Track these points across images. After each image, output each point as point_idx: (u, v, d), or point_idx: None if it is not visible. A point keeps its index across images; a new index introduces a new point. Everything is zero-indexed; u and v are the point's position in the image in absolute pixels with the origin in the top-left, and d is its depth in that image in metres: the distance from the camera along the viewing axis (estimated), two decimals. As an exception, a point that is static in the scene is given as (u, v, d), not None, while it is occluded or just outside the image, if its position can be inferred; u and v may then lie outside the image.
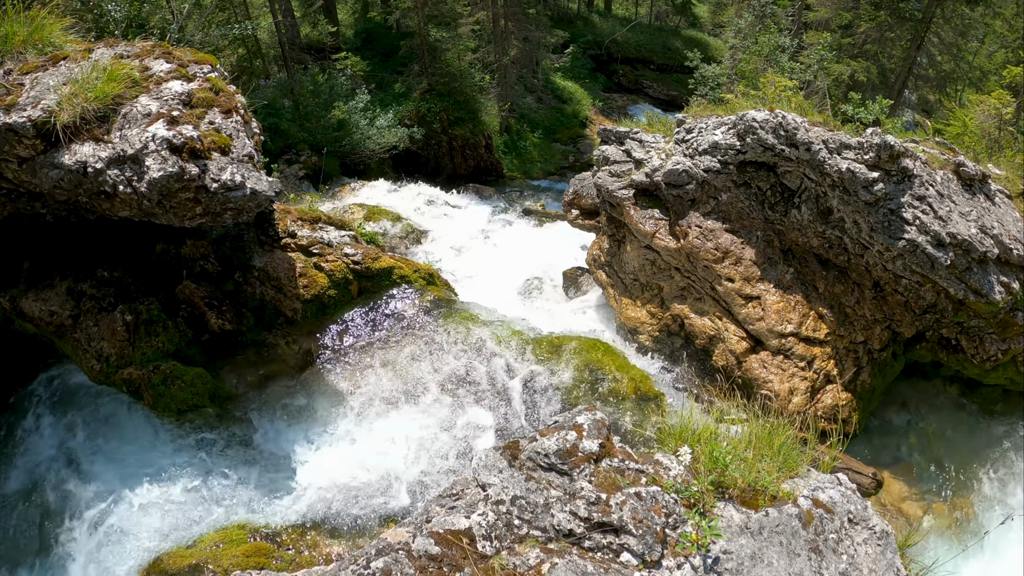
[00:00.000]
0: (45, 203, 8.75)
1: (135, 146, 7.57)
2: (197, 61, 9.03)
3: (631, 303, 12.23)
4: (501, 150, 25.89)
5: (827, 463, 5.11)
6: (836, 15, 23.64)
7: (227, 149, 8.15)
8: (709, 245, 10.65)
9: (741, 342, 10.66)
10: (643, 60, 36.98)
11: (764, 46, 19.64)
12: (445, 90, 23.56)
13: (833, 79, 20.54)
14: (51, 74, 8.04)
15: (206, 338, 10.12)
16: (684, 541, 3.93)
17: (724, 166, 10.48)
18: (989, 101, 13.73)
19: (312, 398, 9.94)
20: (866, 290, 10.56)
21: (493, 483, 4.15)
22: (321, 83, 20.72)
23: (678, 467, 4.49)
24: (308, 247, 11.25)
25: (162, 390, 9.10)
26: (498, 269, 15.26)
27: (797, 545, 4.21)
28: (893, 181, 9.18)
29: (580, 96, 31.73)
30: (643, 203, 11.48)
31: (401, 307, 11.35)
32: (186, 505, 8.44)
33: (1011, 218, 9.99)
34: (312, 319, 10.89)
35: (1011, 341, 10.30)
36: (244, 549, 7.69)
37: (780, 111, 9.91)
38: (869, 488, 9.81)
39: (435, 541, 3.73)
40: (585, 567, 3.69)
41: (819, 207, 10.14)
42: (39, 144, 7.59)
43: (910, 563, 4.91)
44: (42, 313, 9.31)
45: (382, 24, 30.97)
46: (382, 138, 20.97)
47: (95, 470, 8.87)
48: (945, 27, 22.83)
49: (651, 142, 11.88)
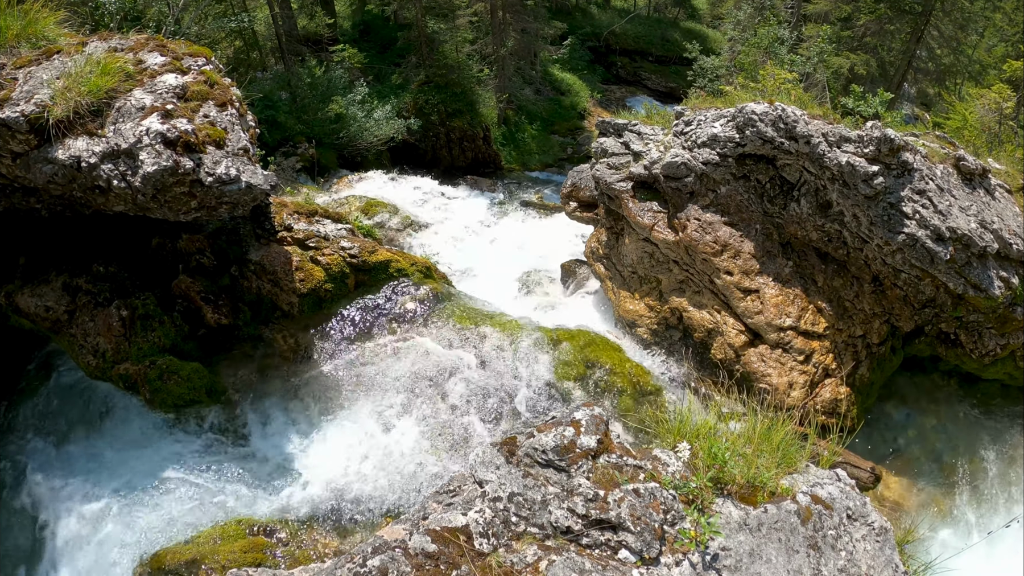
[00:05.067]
0: (40, 198, 8.70)
1: (129, 140, 7.51)
2: (192, 54, 8.95)
3: (629, 296, 12.20)
4: (499, 142, 25.82)
5: (826, 458, 5.08)
6: (835, 8, 23.57)
7: (222, 142, 8.09)
8: (708, 238, 10.61)
9: (740, 335, 10.64)
10: (642, 52, 36.83)
11: (763, 38, 19.54)
12: (443, 82, 23.47)
13: (832, 72, 20.47)
14: (45, 68, 7.97)
15: (202, 333, 10.08)
16: (683, 538, 3.91)
17: (723, 159, 10.43)
18: (989, 95, 13.66)
19: (309, 392, 9.91)
20: (865, 284, 10.53)
21: (490, 480, 4.12)
22: (318, 75, 20.61)
23: (676, 463, 4.46)
24: (305, 240, 11.19)
25: (158, 385, 9.07)
26: (496, 262, 15.23)
27: (796, 542, 4.19)
28: (893, 175, 9.13)
29: (578, 88, 31.62)
30: (642, 196, 11.44)
31: (398, 301, 11.31)
32: (183, 501, 8.42)
33: (1011, 213, 9.95)
34: (309, 313, 10.85)
35: (1010, 336, 10.27)
36: (241, 545, 7.68)
37: (780, 104, 9.85)
38: (867, 482, 9.80)
39: (432, 539, 3.70)
40: (583, 564, 3.66)
41: (818, 200, 10.10)
42: (33, 139, 7.53)
43: (909, 559, 4.89)
44: (38, 308, 9.26)
45: (380, 16, 30.82)
46: (379, 130, 20.89)
47: (91, 466, 8.85)
48: (945, 20, 22.77)
49: (650, 134, 11.83)
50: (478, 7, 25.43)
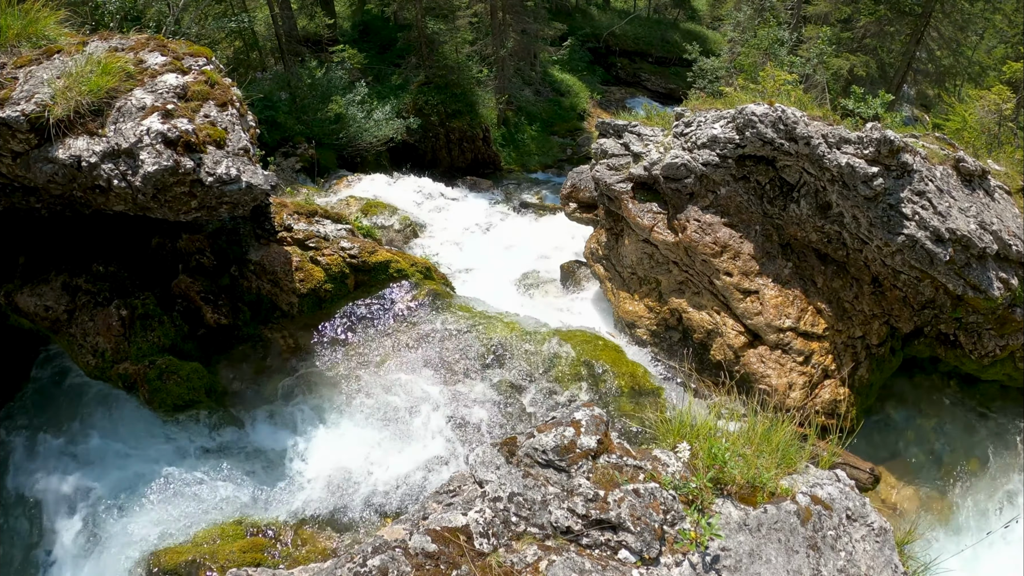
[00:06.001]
0: (40, 198, 8.69)
1: (129, 140, 7.51)
2: (192, 54, 8.95)
3: (629, 297, 12.20)
4: (499, 143, 25.82)
5: (826, 459, 5.09)
6: (835, 9, 23.60)
7: (222, 142, 8.09)
8: (707, 239, 10.61)
9: (739, 336, 10.64)
10: (641, 53, 36.84)
11: (763, 40, 19.55)
12: (443, 82, 23.48)
13: (832, 73, 20.49)
14: (45, 68, 7.97)
15: (202, 332, 10.08)
16: (682, 538, 3.91)
17: (723, 160, 10.43)
18: (989, 97, 13.68)
19: (308, 393, 9.91)
20: (865, 285, 10.54)
21: (490, 480, 4.12)
22: (318, 76, 20.62)
23: (676, 463, 4.46)
24: (304, 241, 11.19)
25: (158, 385, 9.06)
26: (495, 262, 15.23)
27: (795, 542, 4.19)
28: (893, 176, 9.14)
29: (578, 89, 31.62)
30: (641, 197, 11.44)
31: (398, 301, 11.31)
32: (182, 501, 8.41)
33: (1010, 214, 9.96)
34: (308, 313, 10.84)
35: (1009, 337, 10.28)
36: (240, 545, 7.67)
37: (779, 105, 9.85)
38: (867, 483, 9.80)
39: (432, 539, 3.71)
40: (583, 564, 3.67)
41: (818, 201, 10.10)
42: (33, 138, 7.53)
43: (908, 560, 4.90)
44: (37, 308, 9.25)
45: (379, 16, 30.83)
46: (379, 131, 20.89)
47: (90, 465, 8.83)
48: (945, 22, 22.79)
49: (649, 135, 11.83)
50: (478, 8, 25.45)
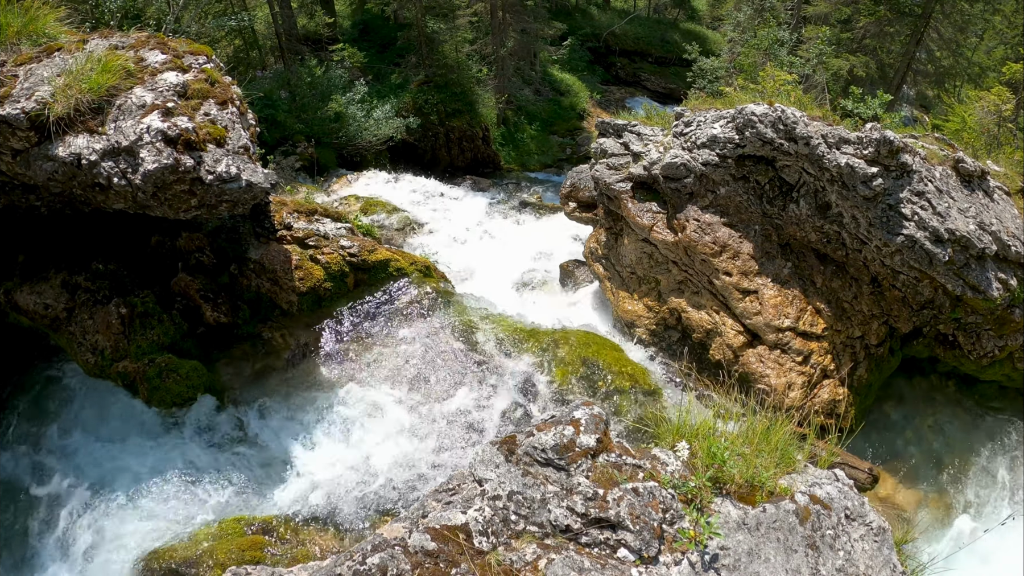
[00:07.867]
0: (40, 195, 8.70)
1: (129, 138, 7.51)
2: (192, 52, 8.95)
3: (628, 296, 12.21)
4: (498, 142, 25.81)
5: (825, 459, 5.10)
6: (835, 9, 23.60)
7: (222, 141, 8.09)
8: (707, 239, 10.62)
9: (738, 336, 10.65)
10: (641, 53, 36.85)
11: (763, 40, 19.55)
12: (442, 81, 23.47)
13: (832, 73, 20.50)
14: (45, 65, 7.97)
15: (201, 331, 10.08)
16: (681, 537, 3.92)
17: (722, 160, 10.44)
18: (988, 97, 13.70)
19: (308, 391, 9.91)
20: (864, 285, 10.55)
21: (490, 478, 4.13)
22: (318, 74, 20.60)
23: (676, 463, 4.47)
24: (304, 239, 11.19)
25: (157, 383, 9.07)
26: (495, 262, 15.23)
27: (794, 541, 4.20)
28: (892, 176, 9.15)
29: (578, 88, 31.62)
30: (641, 196, 11.45)
31: (397, 299, 11.31)
32: (182, 499, 8.41)
33: (1010, 215, 9.98)
34: (308, 312, 10.85)
35: (1008, 338, 10.30)
36: (240, 543, 7.67)
37: (779, 105, 9.86)
38: (865, 483, 9.81)
39: (431, 537, 3.71)
40: (582, 563, 3.67)
41: (818, 202, 10.11)
42: (33, 136, 7.53)
43: (906, 559, 4.90)
44: (37, 306, 9.26)
45: (379, 15, 30.80)
46: (379, 130, 20.88)
47: (90, 464, 8.83)
48: (944, 22, 22.80)
49: (649, 135, 11.84)
50: (478, 7, 25.44)
